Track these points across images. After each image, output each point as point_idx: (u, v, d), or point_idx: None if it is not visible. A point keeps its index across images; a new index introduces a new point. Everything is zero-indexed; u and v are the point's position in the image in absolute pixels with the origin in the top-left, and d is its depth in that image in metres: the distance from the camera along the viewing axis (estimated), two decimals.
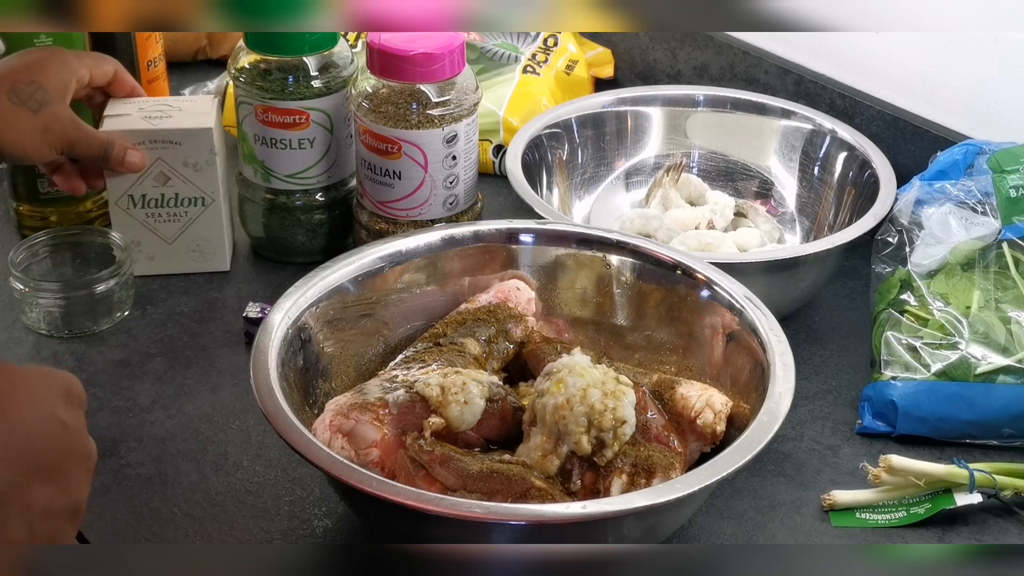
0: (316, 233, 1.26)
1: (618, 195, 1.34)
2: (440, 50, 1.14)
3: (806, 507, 1.00)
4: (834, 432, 1.07)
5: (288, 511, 0.98)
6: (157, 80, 1.36)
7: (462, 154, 1.18)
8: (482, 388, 0.94)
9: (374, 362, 1.04)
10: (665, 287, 1.05)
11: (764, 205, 1.32)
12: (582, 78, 1.54)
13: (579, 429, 0.89)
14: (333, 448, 0.90)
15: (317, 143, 1.22)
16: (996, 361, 1.04)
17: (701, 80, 1.51)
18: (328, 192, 1.25)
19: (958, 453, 1.04)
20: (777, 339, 0.96)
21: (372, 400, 0.93)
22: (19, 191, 1.28)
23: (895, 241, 1.13)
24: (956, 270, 1.10)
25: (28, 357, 1.15)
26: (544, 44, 1.54)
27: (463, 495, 0.88)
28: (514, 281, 1.07)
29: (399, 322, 1.06)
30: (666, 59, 1.54)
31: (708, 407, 0.94)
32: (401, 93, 1.15)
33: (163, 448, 1.05)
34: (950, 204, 1.12)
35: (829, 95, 1.37)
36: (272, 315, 0.97)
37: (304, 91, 1.20)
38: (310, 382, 0.98)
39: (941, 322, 1.07)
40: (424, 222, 1.19)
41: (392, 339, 1.05)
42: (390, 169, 1.17)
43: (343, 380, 1.01)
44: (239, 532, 0.97)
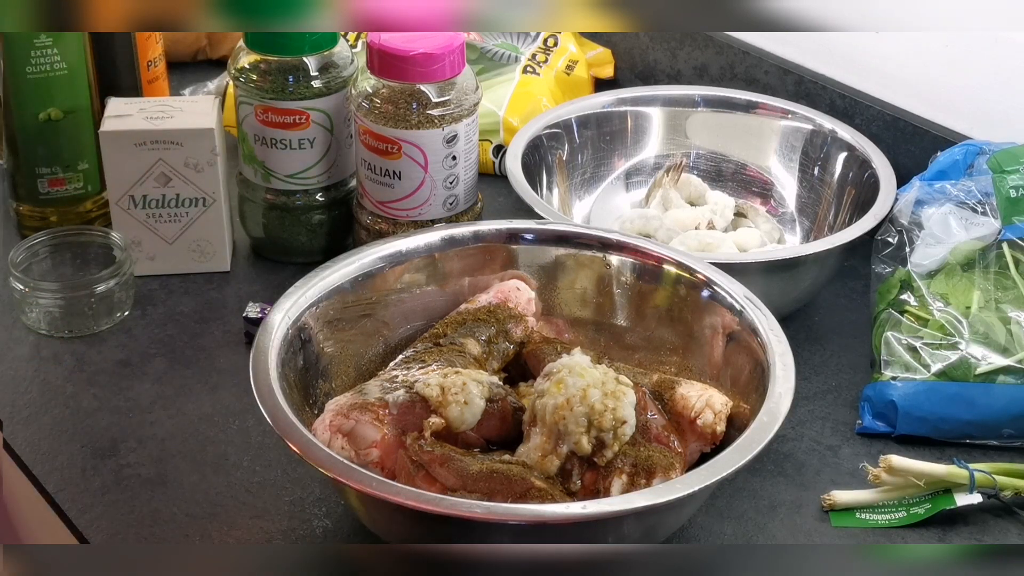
0: (316, 233, 1.26)
1: (618, 195, 1.34)
2: (440, 50, 1.14)
3: (806, 507, 1.00)
4: (834, 432, 1.07)
5: (288, 511, 0.98)
6: (157, 80, 1.36)
7: (462, 154, 1.18)
8: (482, 388, 0.94)
9: (374, 362, 1.04)
10: (665, 287, 1.05)
11: (764, 205, 1.32)
12: (582, 78, 1.54)
13: (579, 429, 0.89)
14: (333, 448, 0.90)
15: (317, 143, 1.22)
16: (996, 361, 1.04)
17: (701, 80, 1.51)
18: (328, 192, 1.25)
19: (958, 453, 1.04)
20: (777, 339, 0.95)
21: (372, 400, 0.93)
22: (19, 191, 1.28)
23: (895, 241, 1.13)
24: (956, 270, 1.10)
25: (28, 357, 1.15)
26: (544, 44, 1.54)
27: (463, 495, 0.88)
28: (514, 281, 1.07)
29: (399, 322, 1.06)
30: (666, 59, 1.54)
31: (708, 407, 0.94)
32: (401, 93, 1.15)
33: (163, 448, 1.05)
34: (950, 204, 1.12)
35: (829, 95, 1.37)
36: (272, 315, 0.97)
37: (304, 91, 1.20)
38: (310, 382, 0.98)
39: (941, 322, 1.07)
40: (424, 222, 1.19)
41: (392, 339, 1.05)
42: (390, 169, 1.17)
43: (343, 380, 1.01)
44: (239, 532, 0.97)
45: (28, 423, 1.07)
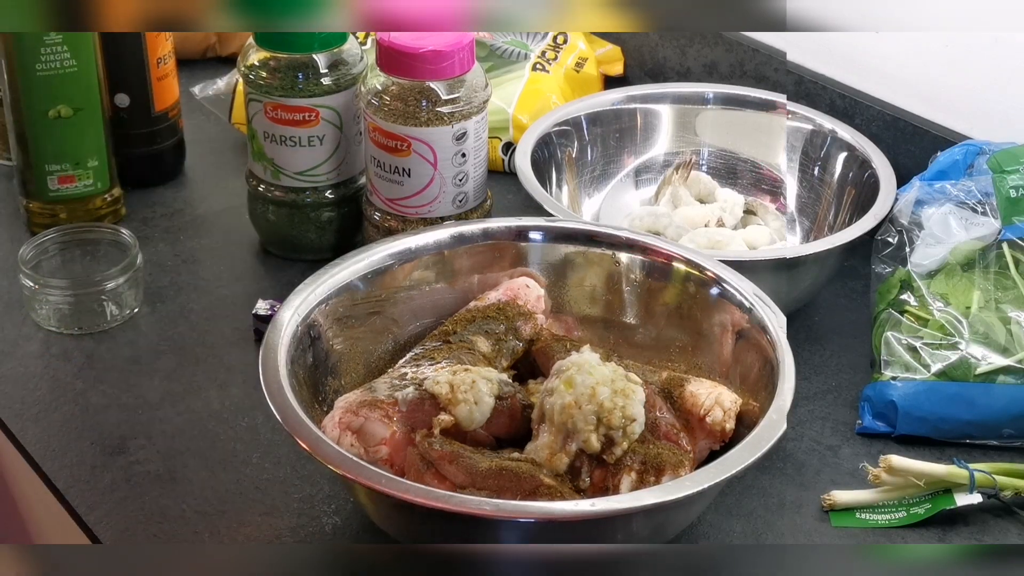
0: (325, 230, 1.26)
1: (627, 193, 1.34)
2: (450, 47, 1.14)
3: (806, 507, 1.00)
4: (834, 432, 1.07)
5: (297, 508, 0.99)
6: (167, 78, 1.37)
7: (471, 151, 1.18)
8: (491, 386, 0.94)
9: (383, 359, 1.04)
10: (674, 285, 1.05)
11: (774, 203, 1.32)
12: (591, 76, 1.54)
13: (588, 427, 0.89)
14: (342, 445, 0.90)
15: (327, 140, 1.22)
16: (996, 361, 1.04)
17: (711, 78, 1.51)
18: (337, 189, 1.25)
19: (958, 453, 1.04)
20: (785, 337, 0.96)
21: (381, 398, 0.93)
22: (28, 188, 1.28)
23: (895, 241, 1.13)
24: (956, 270, 1.10)
25: (38, 354, 1.15)
26: (554, 42, 1.54)
27: (472, 492, 0.88)
28: (523, 279, 1.07)
29: (408, 320, 1.06)
30: (675, 57, 1.54)
31: (717, 405, 0.94)
32: (411, 90, 1.15)
33: (172, 445, 1.05)
34: (950, 204, 1.12)
35: (829, 95, 1.37)
36: (281, 312, 0.97)
37: (314, 88, 1.20)
38: (319, 379, 0.98)
39: (941, 322, 1.07)
40: (433, 219, 1.19)
41: (401, 337, 1.05)
42: (399, 166, 1.17)
43: (352, 377, 1.01)
44: (248, 529, 0.97)
45: (38, 420, 1.07)
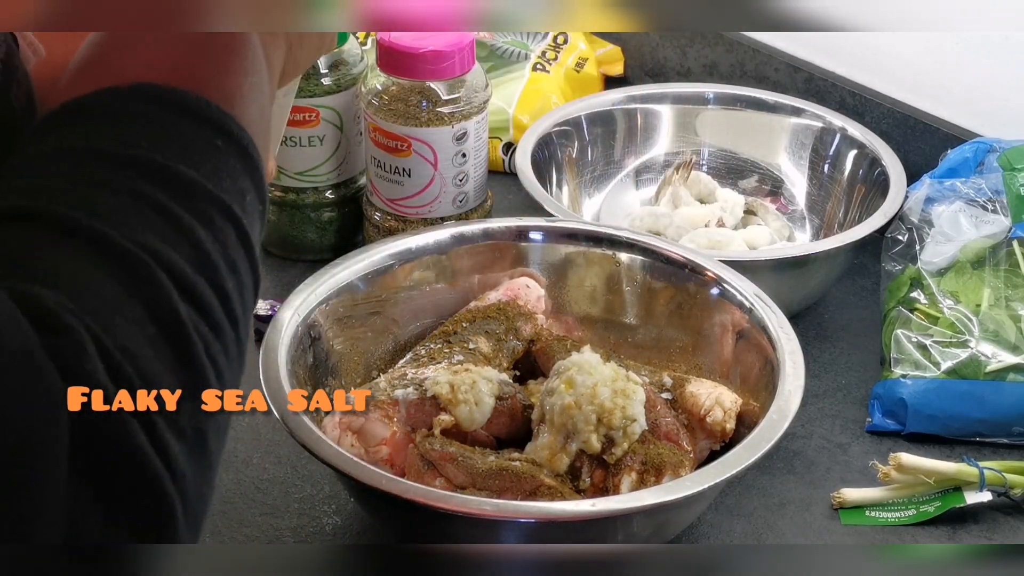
0: (326, 231, 1.26)
1: (628, 193, 1.34)
2: (450, 48, 1.14)
3: (816, 505, 1.00)
4: (844, 430, 1.07)
5: (297, 508, 0.99)
6: None
7: (472, 152, 1.18)
8: (492, 386, 0.94)
9: (384, 360, 1.04)
10: (675, 285, 1.05)
11: (774, 203, 1.32)
12: (592, 76, 1.54)
13: (588, 427, 0.89)
14: (343, 445, 0.90)
15: (327, 141, 1.22)
16: (1006, 359, 1.04)
17: (711, 78, 1.51)
18: (338, 190, 1.25)
19: (968, 451, 1.04)
20: (787, 337, 0.95)
21: (382, 398, 0.93)
22: None
23: (905, 239, 1.13)
24: (966, 268, 1.10)
25: None
26: (554, 42, 1.54)
27: (472, 493, 0.88)
28: (524, 279, 1.07)
29: (409, 320, 1.06)
30: (676, 57, 1.54)
31: (718, 405, 0.94)
32: (411, 91, 1.15)
33: None
34: (960, 202, 1.12)
35: (839, 93, 1.37)
36: (282, 312, 0.97)
37: (314, 88, 1.20)
38: (320, 380, 0.98)
39: (951, 320, 1.07)
40: (434, 219, 1.19)
41: (402, 337, 1.05)
42: (400, 167, 1.17)
43: (353, 378, 1.01)
44: (248, 529, 0.97)
45: None
